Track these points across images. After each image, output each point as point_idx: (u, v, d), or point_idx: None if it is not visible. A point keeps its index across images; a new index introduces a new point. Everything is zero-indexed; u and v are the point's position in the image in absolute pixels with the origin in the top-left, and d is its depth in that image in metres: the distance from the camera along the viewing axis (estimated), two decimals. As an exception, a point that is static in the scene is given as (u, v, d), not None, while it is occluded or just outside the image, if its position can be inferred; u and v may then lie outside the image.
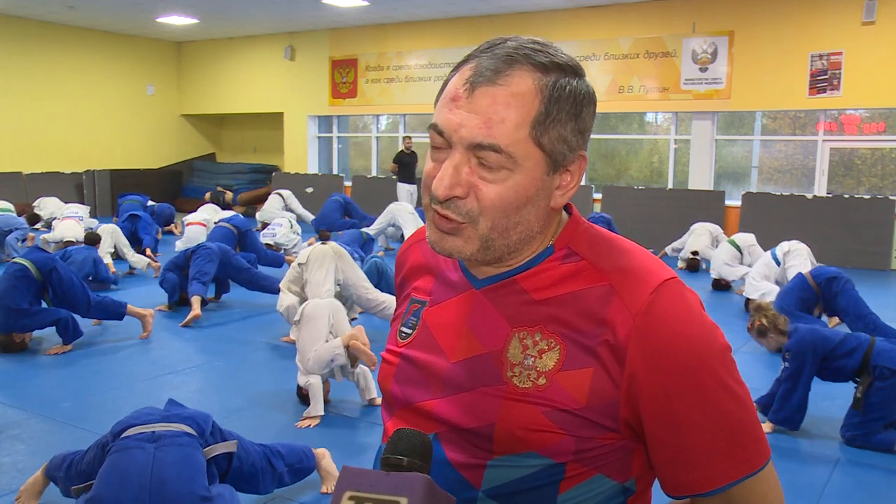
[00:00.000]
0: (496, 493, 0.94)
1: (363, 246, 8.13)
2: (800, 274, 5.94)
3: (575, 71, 0.93)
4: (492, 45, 0.92)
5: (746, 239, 8.20)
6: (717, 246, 9.35)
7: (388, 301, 5.45)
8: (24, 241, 9.40)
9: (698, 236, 9.34)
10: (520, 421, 0.91)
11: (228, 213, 10.19)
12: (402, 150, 12.72)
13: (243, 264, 6.98)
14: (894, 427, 4.05)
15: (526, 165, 0.90)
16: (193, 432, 2.75)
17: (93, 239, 7.86)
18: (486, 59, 0.91)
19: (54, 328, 5.64)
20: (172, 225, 12.17)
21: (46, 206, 11.86)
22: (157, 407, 2.93)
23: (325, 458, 3.37)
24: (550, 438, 0.90)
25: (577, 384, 0.91)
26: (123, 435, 2.70)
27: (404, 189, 12.52)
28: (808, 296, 5.77)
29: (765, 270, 6.97)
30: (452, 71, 0.95)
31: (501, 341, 0.95)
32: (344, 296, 5.56)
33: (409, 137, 12.92)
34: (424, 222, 1.00)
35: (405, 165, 12.53)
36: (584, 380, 0.90)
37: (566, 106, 0.91)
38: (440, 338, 1.01)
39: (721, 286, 8.08)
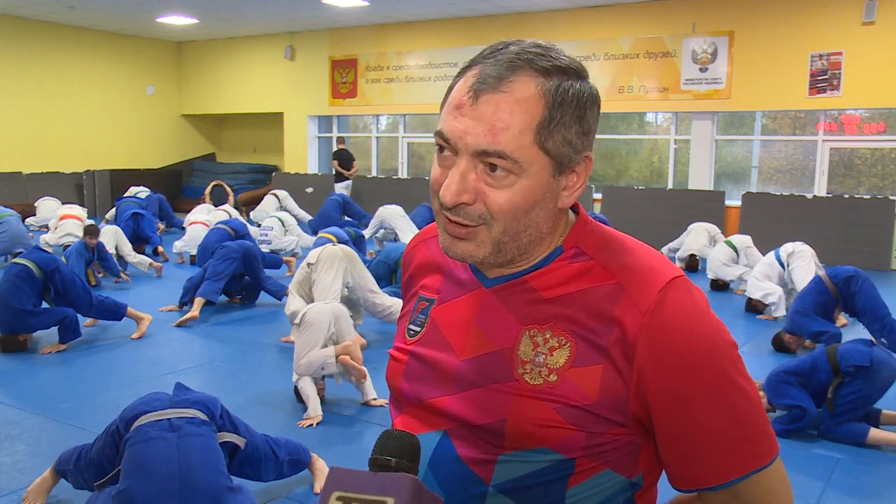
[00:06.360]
0: (506, 487, 0.95)
1: (353, 244, 8.11)
2: (817, 276, 5.75)
3: (578, 73, 0.93)
4: (494, 51, 0.93)
5: (743, 241, 8.20)
6: (714, 245, 9.36)
7: (396, 306, 5.44)
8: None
9: (696, 236, 9.33)
10: (531, 417, 0.92)
11: (221, 213, 10.13)
12: (343, 149, 13.75)
13: (260, 266, 7.02)
14: (867, 419, 4.10)
15: (532, 170, 0.91)
16: (206, 418, 2.75)
17: (92, 231, 7.60)
18: (490, 65, 0.91)
19: (54, 327, 5.63)
20: (161, 224, 11.58)
21: (47, 207, 11.78)
22: (164, 392, 2.92)
23: (319, 459, 3.45)
24: (562, 434, 0.92)
25: (587, 381, 0.92)
26: (137, 423, 2.67)
27: (341, 187, 13.52)
28: (826, 299, 5.59)
29: (767, 271, 6.92)
30: (456, 76, 0.95)
31: (512, 339, 0.97)
32: (352, 300, 5.55)
33: (342, 138, 14.19)
34: (416, 225, 1.01)
35: (346, 161, 13.64)
36: (594, 376, 0.92)
37: (570, 109, 0.91)
38: (449, 335, 1.02)
39: (719, 286, 8.08)
